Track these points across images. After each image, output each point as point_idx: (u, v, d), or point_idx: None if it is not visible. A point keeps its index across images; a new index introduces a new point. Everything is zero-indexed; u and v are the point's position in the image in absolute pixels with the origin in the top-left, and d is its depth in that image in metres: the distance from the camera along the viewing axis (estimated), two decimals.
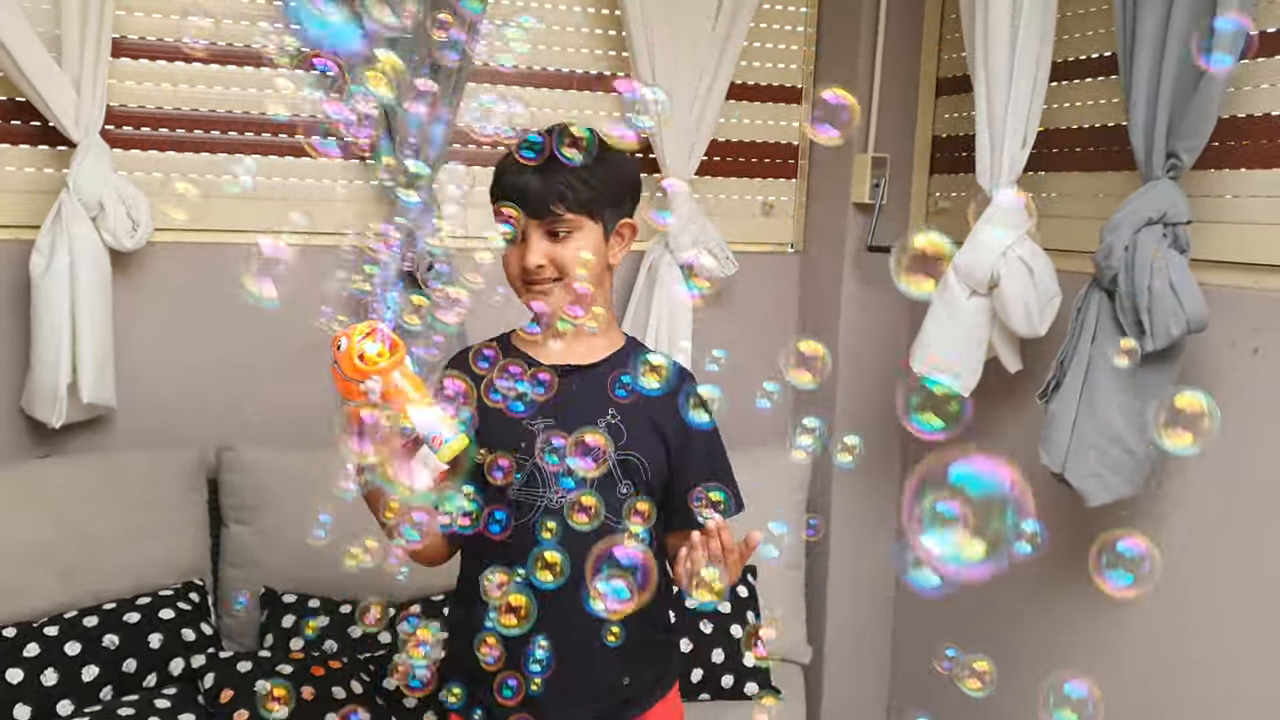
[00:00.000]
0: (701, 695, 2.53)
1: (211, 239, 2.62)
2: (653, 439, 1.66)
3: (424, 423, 1.43)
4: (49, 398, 2.36)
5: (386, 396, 1.43)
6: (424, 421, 1.43)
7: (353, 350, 1.44)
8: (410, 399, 1.43)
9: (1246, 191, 2.14)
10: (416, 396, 1.44)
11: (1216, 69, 1.85)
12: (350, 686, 2.19)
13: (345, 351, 1.44)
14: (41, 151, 2.46)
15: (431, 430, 1.43)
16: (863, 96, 2.90)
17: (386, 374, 1.43)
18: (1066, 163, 2.54)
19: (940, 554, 1.11)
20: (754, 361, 2.08)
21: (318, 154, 1.49)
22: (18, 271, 2.42)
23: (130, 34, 2.51)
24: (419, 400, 1.44)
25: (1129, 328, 2.08)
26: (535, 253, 1.59)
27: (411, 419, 1.43)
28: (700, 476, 1.67)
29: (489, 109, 1.49)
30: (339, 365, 1.45)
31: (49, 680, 2.14)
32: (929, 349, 2.50)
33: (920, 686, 3.03)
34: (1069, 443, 2.17)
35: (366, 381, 1.42)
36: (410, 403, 1.43)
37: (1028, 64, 2.32)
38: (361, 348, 1.44)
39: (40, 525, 2.30)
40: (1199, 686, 2.22)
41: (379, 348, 1.44)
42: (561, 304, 1.60)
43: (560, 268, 1.60)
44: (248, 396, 2.66)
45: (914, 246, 1.31)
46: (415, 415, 1.43)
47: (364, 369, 1.42)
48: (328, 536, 1.52)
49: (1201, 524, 2.20)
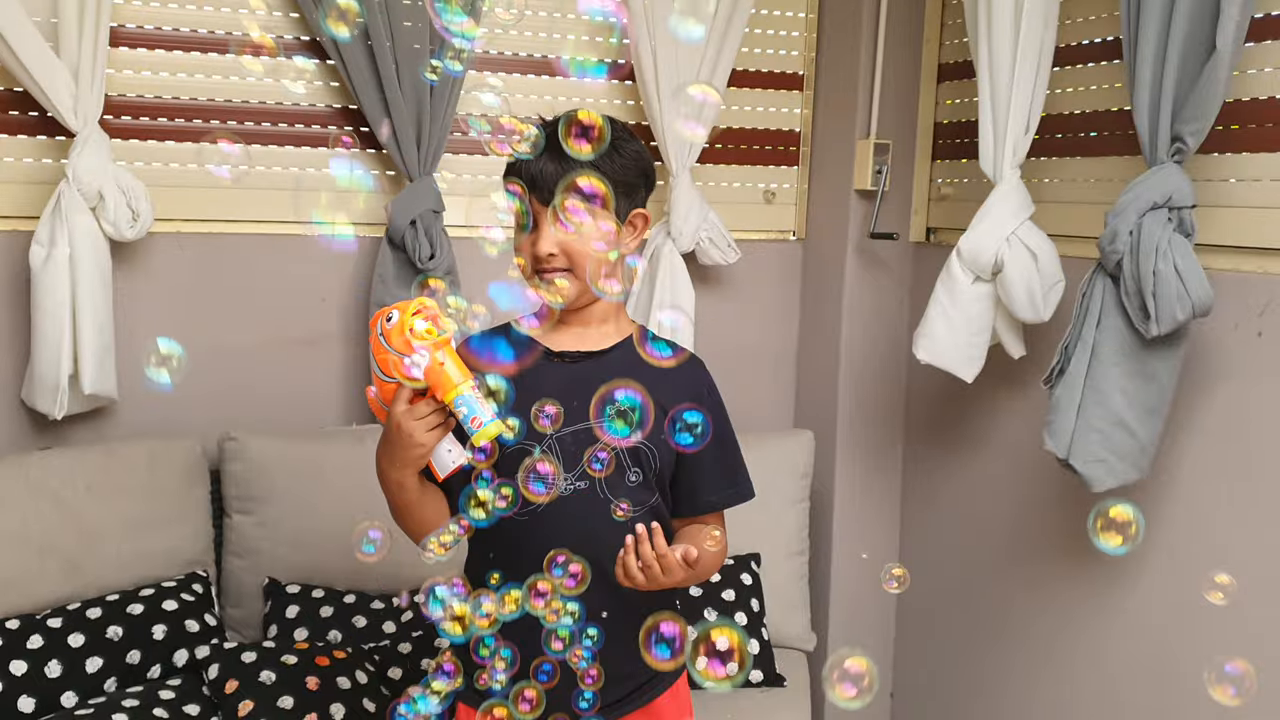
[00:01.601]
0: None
1: (212, 229, 2.61)
2: (662, 426, 1.62)
3: (467, 402, 1.46)
4: (50, 389, 2.36)
5: (430, 373, 1.45)
6: (467, 400, 1.46)
7: (405, 322, 1.46)
8: (453, 379, 1.46)
9: (1250, 175, 2.13)
10: (459, 378, 1.46)
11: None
12: (355, 676, 2.19)
13: (397, 324, 1.46)
14: (40, 141, 2.45)
15: (473, 410, 1.46)
16: (865, 82, 2.89)
17: (436, 349, 1.46)
18: (1070, 148, 2.53)
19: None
20: (756, 349, 2.13)
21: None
22: (17, 262, 2.41)
23: (128, 23, 2.50)
24: (462, 380, 1.46)
25: (1134, 312, 2.08)
26: (547, 241, 1.57)
27: (455, 396, 1.46)
28: (709, 467, 1.68)
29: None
30: (387, 339, 1.47)
31: (53, 672, 2.14)
32: (932, 336, 2.49)
33: (923, 672, 3.03)
34: (1073, 428, 2.16)
35: (414, 355, 1.45)
36: (454, 381, 1.46)
37: (1031, 49, 2.31)
38: (411, 323, 1.46)
39: (43, 517, 2.29)
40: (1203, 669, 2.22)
41: (427, 325, 1.47)
42: (572, 294, 1.59)
43: (572, 257, 1.58)
44: (249, 386, 2.66)
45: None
46: (460, 394, 1.46)
47: (414, 341, 1.46)
48: (376, 552, 1.53)
49: (1206, 507, 2.20)
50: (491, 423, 1.46)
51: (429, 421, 1.50)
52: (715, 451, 1.67)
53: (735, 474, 1.73)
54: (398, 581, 2.51)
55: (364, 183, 1.58)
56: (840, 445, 3.02)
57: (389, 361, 1.48)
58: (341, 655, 2.23)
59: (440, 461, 1.54)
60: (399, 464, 1.54)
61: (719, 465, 1.70)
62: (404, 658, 2.30)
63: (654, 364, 1.55)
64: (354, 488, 2.48)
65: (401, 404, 1.50)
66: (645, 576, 1.50)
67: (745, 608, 2.60)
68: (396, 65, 2.52)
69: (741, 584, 2.63)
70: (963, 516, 2.86)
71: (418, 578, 2.48)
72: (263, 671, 2.14)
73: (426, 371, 1.46)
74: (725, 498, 1.72)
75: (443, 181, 2.65)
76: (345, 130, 2.67)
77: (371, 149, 2.69)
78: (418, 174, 2.59)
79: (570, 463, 1.59)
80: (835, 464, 3.01)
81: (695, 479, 1.68)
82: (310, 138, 2.66)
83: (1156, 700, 2.31)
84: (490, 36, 2.74)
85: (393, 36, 2.50)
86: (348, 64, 2.52)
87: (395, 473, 1.56)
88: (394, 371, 1.49)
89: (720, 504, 1.72)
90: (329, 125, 2.67)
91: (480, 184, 2.78)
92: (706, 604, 2.57)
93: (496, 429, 1.46)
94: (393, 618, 2.44)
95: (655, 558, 1.49)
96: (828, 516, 3.03)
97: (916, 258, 2.99)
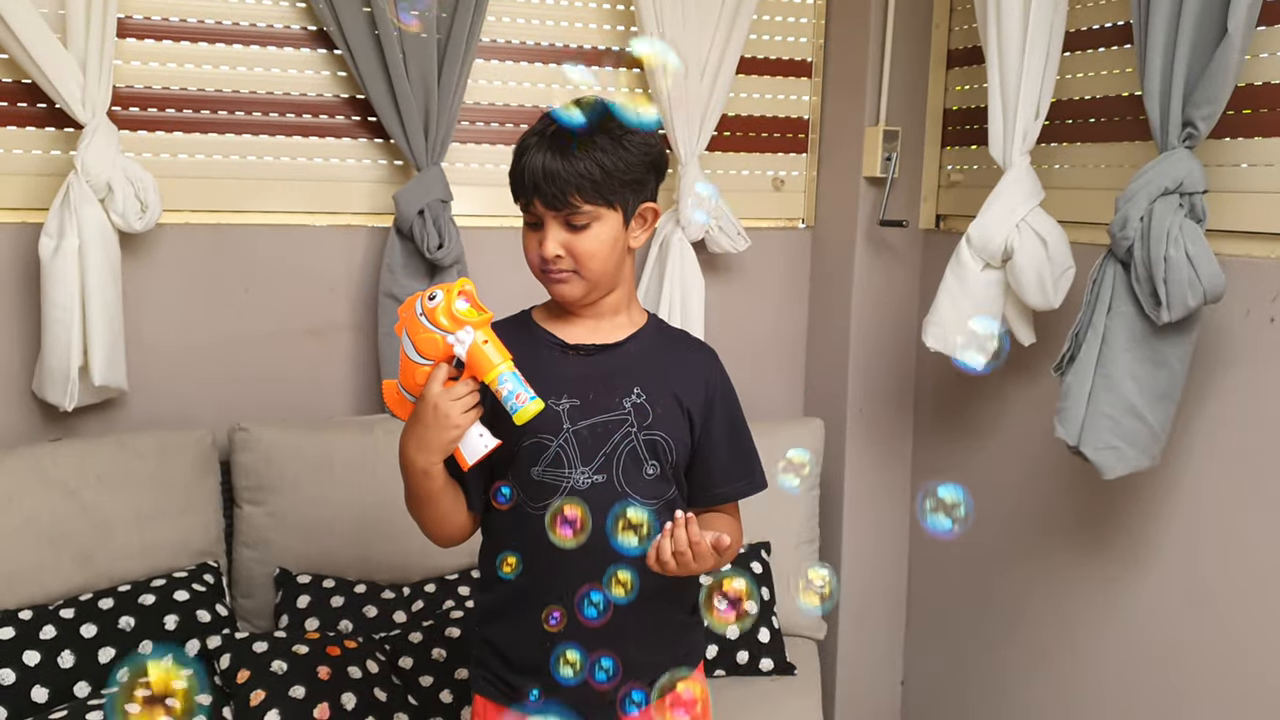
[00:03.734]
0: (717, 671, 2.53)
1: (220, 220, 2.62)
2: (678, 417, 1.63)
3: (510, 379, 1.46)
4: (60, 381, 2.36)
5: (472, 351, 1.47)
6: (510, 378, 1.47)
7: (450, 301, 1.47)
8: (494, 358, 1.47)
9: (1262, 160, 2.11)
10: (499, 357, 1.47)
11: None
12: (366, 666, 2.19)
13: (441, 302, 1.47)
14: (49, 133, 2.45)
15: (517, 387, 1.46)
16: (874, 68, 2.88)
17: (479, 327, 1.47)
18: (1080, 133, 2.52)
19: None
20: (766, 337, 2.13)
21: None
22: (27, 254, 2.42)
23: (135, 13, 2.50)
24: (503, 360, 1.47)
25: (1145, 299, 2.07)
26: (552, 243, 1.55)
27: (498, 374, 1.46)
28: (723, 458, 1.68)
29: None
30: (430, 317, 1.48)
31: (66, 662, 2.15)
32: (942, 323, 2.49)
33: (933, 660, 3.03)
34: (1084, 415, 2.16)
35: (459, 333, 1.47)
36: (495, 361, 1.47)
37: (1040, 34, 2.29)
38: (455, 301, 1.47)
39: (54, 508, 2.30)
40: (1214, 657, 2.21)
41: (468, 306, 1.48)
42: (579, 293, 1.59)
43: (577, 259, 1.55)
44: (259, 377, 2.66)
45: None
46: (502, 372, 1.47)
47: (460, 319, 1.47)
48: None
49: (1216, 494, 2.19)
50: (533, 400, 1.46)
51: (465, 403, 1.49)
52: (730, 442, 1.68)
53: (749, 464, 1.72)
54: (407, 572, 2.52)
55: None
56: (850, 433, 3.01)
57: (430, 340, 1.48)
58: (352, 645, 2.24)
59: (470, 447, 1.52)
60: (429, 448, 1.51)
61: (734, 456, 1.69)
62: (415, 647, 2.30)
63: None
64: (364, 478, 2.50)
65: (437, 385, 1.48)
66: (677, 563, 1.49)
67: (755, 596, 2.60)
68: (404, 54, 2.51)
69: (751, 572, 2.64)
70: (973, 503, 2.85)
71: (428, 568, 2.51)
72: (274, 661, 2.15)
73: (470, 349, 1.46)
74: (739, 488, 1.71)
75: (451, 171, 2.64)
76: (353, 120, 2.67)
77: (379, 139, 2.69)
78: (425, 163, 2.58)
79: (588, 456, 1.59)
80: (845, 452, 3.01)
81: (710, 470, 1.68)
82: (318, 128, 2.66)
83: (1167, 688, 2.31)
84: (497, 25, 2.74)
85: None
86: (355, 54, 2.51)
87: (423, 459, 1.53)
88: (432, 352, 1.48)
89: (735, 494, 1.72)
90: (336, 115, 2.67)
91: (488, 173, 2.78)
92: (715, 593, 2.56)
93: (538, 406, 1.46)
94: (403, 607, 2.44)
95: (689, 544, 1.48)
96: (838, 505, 3.03)
97: (926, 245, 2.98)
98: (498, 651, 1.68)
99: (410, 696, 2.22)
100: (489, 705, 1.70)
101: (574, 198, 1.52)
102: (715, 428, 1.67)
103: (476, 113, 2.77)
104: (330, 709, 2.09)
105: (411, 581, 2.51)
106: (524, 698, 1.65)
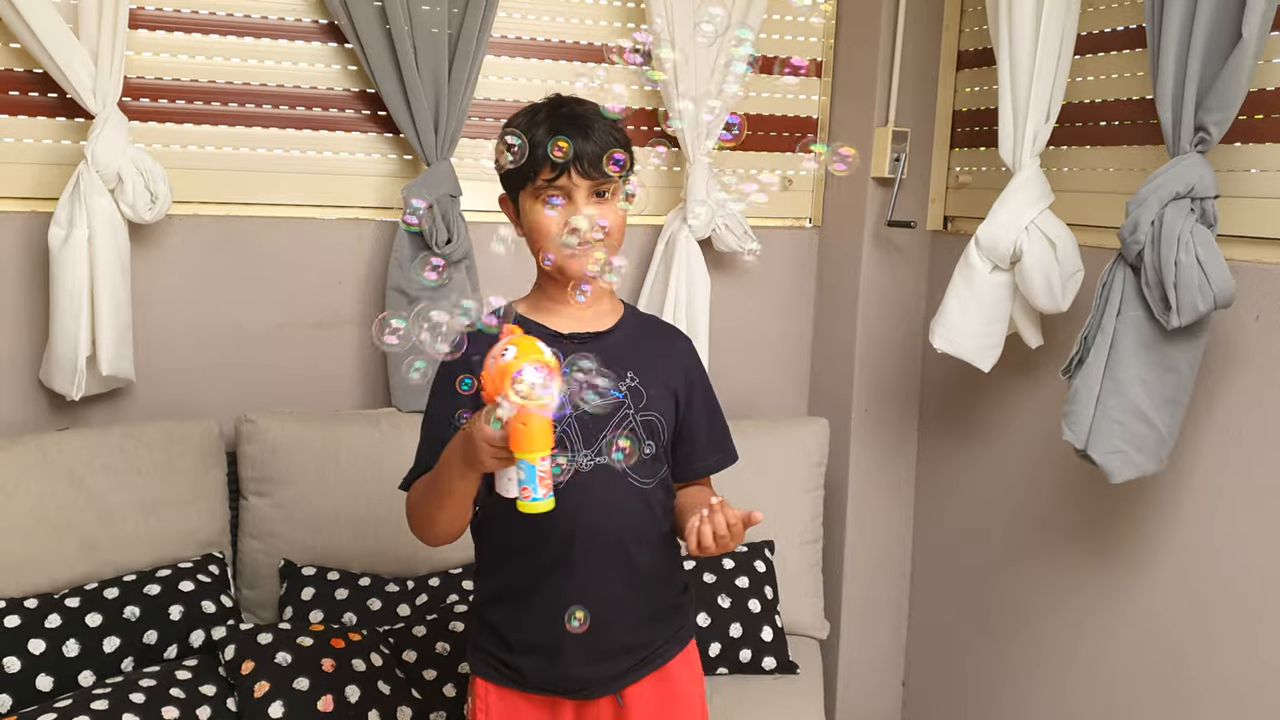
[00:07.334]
0: (719, 669, 2.53)
1: (229, 211, 2.62)
2: (668, 399, 1.72)
3: (528, 471, 1.39)
4: (68, 370, 2.37)
5: (510, 424, 1.37)
6: (529, 470, 1.39)
7: (519, 363, 1.36)
8: (525, 445, 1.38)
9: (1273, 166, 2.11)
10: (531, 447, 1.38)
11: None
12: (370, 659, 2.19)
13: (505, 363, 1.37)
14: (59, 123, 2.45)
15: (528, 482, 1.39)
16: (883, 69, 2.88)
17: (524, 412, 1.36)
18: (1090, 137, 2.52)
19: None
20: (772, 336, 2.13)
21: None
22: (36, 244, 2.42)
23: (147, 5, 2.50)
24: (533, 451, 1.38)
25: (1154, 303, 2.07)
26: (588, 211, 1.61)
27: (521, 459, 1.39)
28: (702, 435, 1.78)
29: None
30: (494, 364, 1.38)
31: (71, 651, 2.15)
32: (949, 325, 2.49)
33: (935, 661, 3.03)
34: (1092, 419, 2.16)
35: (503, 400, 1.36)
36: (525, 448, 1.38)
37: (1052, 36, 2.29)
38: (522, 369, 1.36)
39: (60, 497, 2.30)
40: (1219, 663, 2.21)
41: (532, 386, 1.36)
42: (603, 263, 1.61)
43: (606, 231, 1.61)
44: (266, 368, 2.66)
45: None
46: (524, 463, 1.39)
47: (509, 389, 1.36)
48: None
49: (1223, 499, 2.19)
50: (536, 501, 1.40)
51: (498, 453, 1.43)
52: (708, 420, 1.79)
53: (724, 440, 1.83)
54: (412, 565, 2.53)
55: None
56: (855, 433, 3.01)
57: (488, 378, 1.39)
58: (357, 637, 2.24)
59: (505, 482, 1.47)
60: (468, 461, 1.49)
61: (711, 433, 1.80)
62: (419, 640, 2.31)
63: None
64: (370, 471, 2.50)
65: (480, 421, 1.44)
66: (717, 545, 1.55)
67: (759, 595, 2.60)
68: (414, 48, 2.51)
69: (755, 571, 2.64)
70: (977, 506, 2.86)
71: (432, 561, 2.51)
72: (279, 653, 2.15)
73: (508, 420, 1.37)
74: (716, 462, 1.82)
75: (460, 166, 2.64)
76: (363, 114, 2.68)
77: (389, 133, 2.69)
78: (435, 158, 2.58)
79: (589, 439, 1.63)
80: (850, 452, 3.01)
81: (692, 446, 1.77)
82: (328, 121, 2.66)
83: (1172, 693, 2.31)
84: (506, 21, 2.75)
85: (411, 19, 2.50)
86: (366, 47, 2.52)
87: (459, 462, 1.51)
88: (488, 386, 1.40)
89: (714, 468, 1.82)
90: (346, 109, 2.67)
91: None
92: (720, 591, 2.57)
93: (540, 509, 1.41)
94: (407, 600, 2.45)
95: (727, 525, 1.54)
96: (842, 504, 3.03)
97: (934, 246, 2.98)
98: (498, 634, 1.72)
99: (414, 689, 2.23)
100: (490, 688, 1.73)
101: (608, 165, 1.59)
102: (696, 407, 1.77)
103: (487, 108, 2.77)
104: (334, 701, 2.10)
105: (416, 575, 2.52)
106: (525, 678, 1.70)
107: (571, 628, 1.55)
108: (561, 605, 1.56)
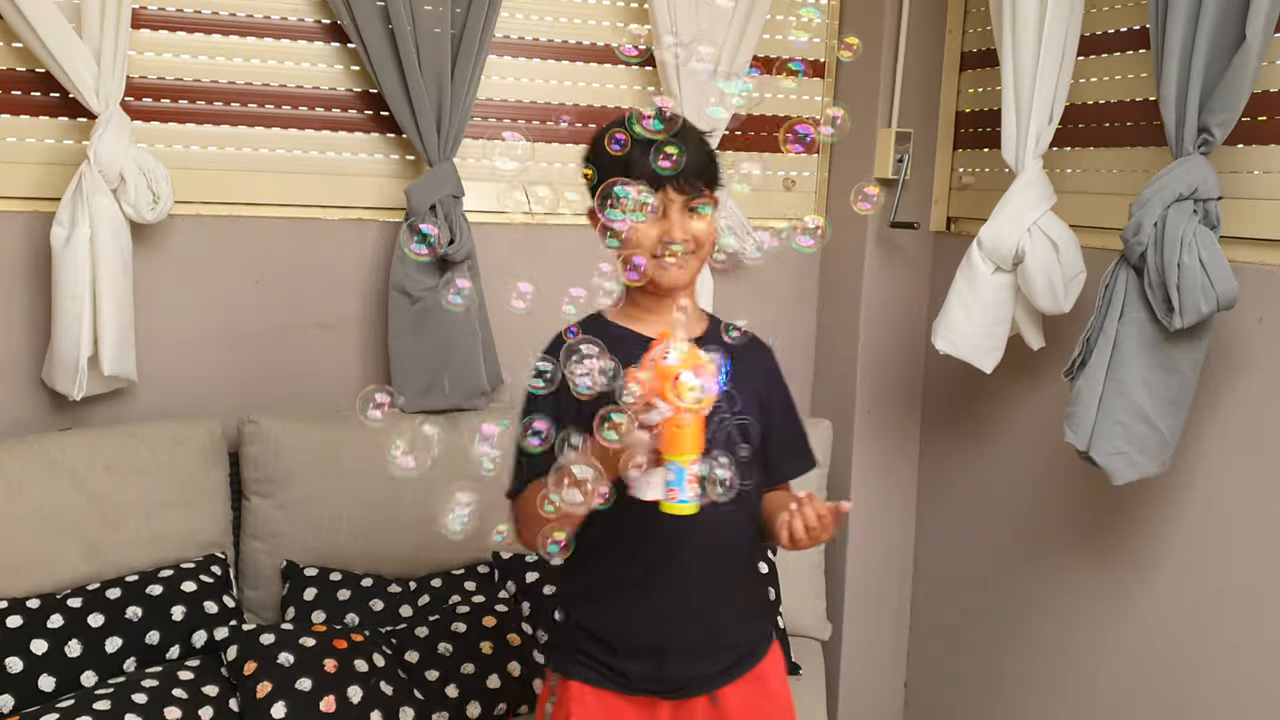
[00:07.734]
0: None
1: (232, 211, 2.62)
2: (755, 403, 1.74)
3: (678, 473, 1.38)
4: (70, 370, 2.37)
5: (664, 426, 1.37)
6: (678, 472, 1.38)
7: (678, 368, 1.36)
8: (678, 447, 1.37)
9: (1276, 167, 2.11)
10: (684, 449, 1.38)
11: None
12: (373, 659, 2.19)
13: (664, 365, 1.36)
14: (62, 123, 2.45)
15: (677, 484, 1.38)
16: (886, 70, 2.87)
17: (678, 414, 1.36)
18: (1094, 138, 2.52)
19: None
20: (774, 337, 2.09)
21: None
22: (38, 243, 2.42)
23: (150, 4, 2.50)
24: (685, 453, 1.38)
25: (1157, 305, 2.07)
26: (680, 227, 1.63)
27: (671, 461, 1.38)
28: (783, 439, 1.81)
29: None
30: (651, 367, 1.37)
31: (73, 651, 2.15)
32: (952, 326, 2.48)
33: (937, 662, 3.03)
34: (1094, 420, 2.15)
35: (660, 404, 1.35)
36: (677, 450, 1.37)
37: (1055, 37, 2.29)
38: (681, 373, 1.36)
39: (62, 498, 2.30)
40: (1221, 664, 2.21)
41: (695, 391, 1.36)
42: (689, 277, 1.67)
43: (699, 242, 1.65)
44: (268, 369, 2.66)
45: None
46: (674, 464, 1.38)
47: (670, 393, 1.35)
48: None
49: (1227, 500, 2.19)
50: (683, 503, 1.39)
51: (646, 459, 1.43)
52: (787, 426, 1.83)
53: (803, 445, 1.87)
54: (414, 566, 2.52)
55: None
56: (858, 435, 3.01)
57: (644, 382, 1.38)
58: (359, 638, 2.24)
59: (645, 484, 1.44)
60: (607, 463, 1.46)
61: (791, 437, 1.84)
62: (421, 641, 2.31)
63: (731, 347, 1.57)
64: (372, 472, 2.50)
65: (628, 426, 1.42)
66: (809, 537, 1.57)
67: None
68: (417, 49, 2.51)
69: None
70: (979, 507, 2.85)
71: (434, 562, 2.51)
72: (281, 653, 2.15)
73: (662, 423, 1.37)
74: (797, 466, 1.85)
75: (463, 166, 2.64)
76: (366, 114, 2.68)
77: (391, 133, 2.69)
78: (438, 158, 2.58)
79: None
80: (852, 453, 3.01)
81: (775, 452, 1.79)
82: (331, 121, 2.66)
83: (1173, 695, 2.31)
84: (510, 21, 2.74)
85: (413, 19, 2.50)
86: (368, 47, 2.51)
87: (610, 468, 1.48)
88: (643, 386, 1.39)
89: (795, 472, 1.85)
90: (349, 109, 2.67)
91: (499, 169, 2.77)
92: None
93: (687, 510, 1.39)
94: (410, 601, 2.45)
95: (817, 518, 1.56)
96: None
97: (936, 247, 2.97)
98: (596, 636, 1.72)
99: (416, 690, 2.22)
100: (587, 689, 1.73)
101: (701, 183, 1.64)
102: (776, 412, 1.80)
103: (489, 108, 2.77)
104: (336, 702, 2.10)
105: (418, 576, 2.52)
106: (630, 680, 1.71)
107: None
108: (667, 607, 1.63)
